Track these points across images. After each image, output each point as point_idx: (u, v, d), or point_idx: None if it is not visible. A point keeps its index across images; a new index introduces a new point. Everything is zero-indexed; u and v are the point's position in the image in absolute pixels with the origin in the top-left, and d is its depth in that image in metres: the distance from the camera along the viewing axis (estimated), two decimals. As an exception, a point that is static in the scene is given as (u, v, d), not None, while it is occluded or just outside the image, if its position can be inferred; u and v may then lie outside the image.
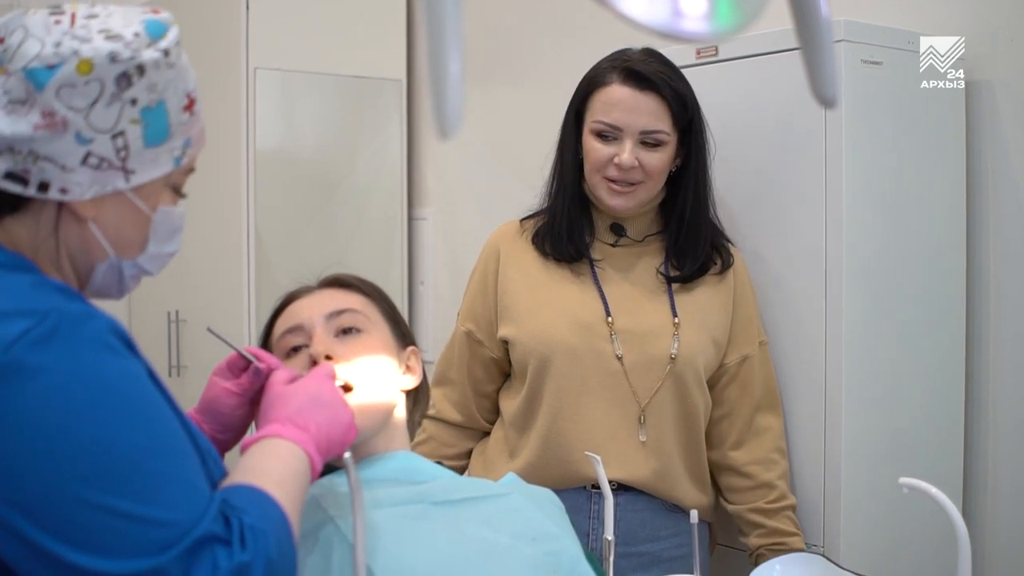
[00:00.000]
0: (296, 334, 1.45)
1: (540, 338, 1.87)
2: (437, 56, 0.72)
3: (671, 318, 1.89)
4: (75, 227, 1.04)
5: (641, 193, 1.87)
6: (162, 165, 1.05)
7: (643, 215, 1.93)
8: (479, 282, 1.98)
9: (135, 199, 1.05)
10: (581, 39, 2.77)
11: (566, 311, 1.88)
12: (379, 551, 1.25)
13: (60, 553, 0.91)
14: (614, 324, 1.87)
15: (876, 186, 1.98)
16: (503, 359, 1.95)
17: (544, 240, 1.93)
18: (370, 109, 3.35)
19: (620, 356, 1.86)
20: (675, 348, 1.86)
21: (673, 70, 1.87)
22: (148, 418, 0.97)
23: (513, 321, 1.91)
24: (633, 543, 1.88)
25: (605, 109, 1.85)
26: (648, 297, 1.91)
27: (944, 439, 2.10)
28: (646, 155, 1.84)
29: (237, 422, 1.35)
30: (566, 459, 1.86)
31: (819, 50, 0.78)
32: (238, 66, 3.08)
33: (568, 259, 1.92)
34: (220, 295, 3.22)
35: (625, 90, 1.84)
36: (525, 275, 1.93)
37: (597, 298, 1.89)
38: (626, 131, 1.83)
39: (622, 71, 1.85)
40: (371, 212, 3.37)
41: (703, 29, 0.69)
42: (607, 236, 1.94)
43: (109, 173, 1.02)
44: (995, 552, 2.11)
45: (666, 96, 1.83)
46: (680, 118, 1.85)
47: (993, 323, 2.13)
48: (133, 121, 1.01)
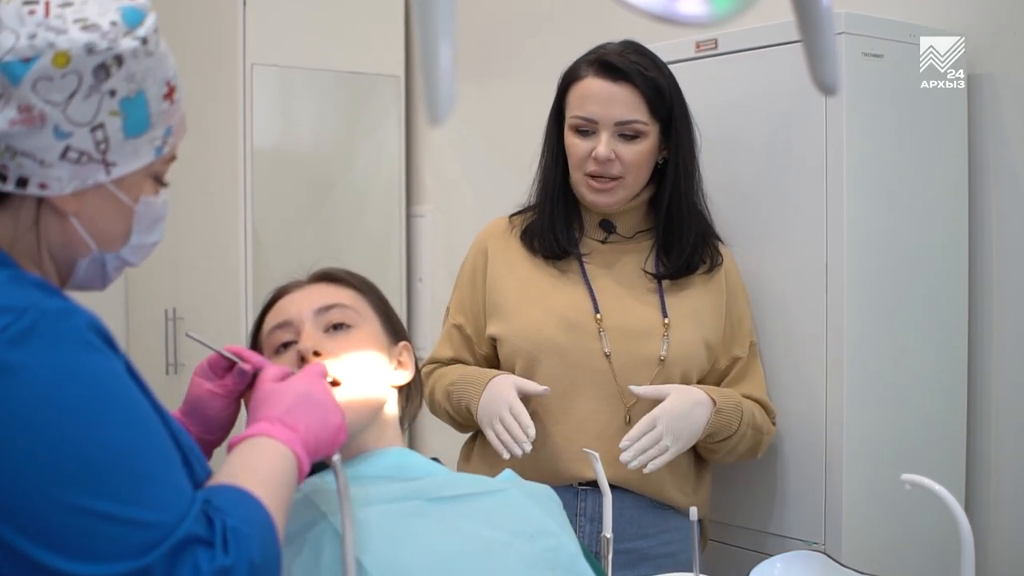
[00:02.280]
0: (285, 330, 1.44)
1: (528, 336, 1.86)
2: (428, 44, 0.70)
3: (661, 318, 1.87)
4: (56, 222, 1.02)
5: (623, 189, 1.86)
6: (143, 156, 1.03)
7: (632, 211, 1.91)
8: (468, 278, 1.97)
9: (116, 191, 1.03)
10: (580, 35, 2.75)
11: (554, 309, 1.87)
12: (373, 549, 1.24)
13: (40, 558, 0.88)
14: (603, 321, 1.86)
15: (877, 180, 1.96)
16: (492, 355, 1.94)
17: (532, 237, 1.92)
18: (368, 105, 3.34)
19: (608, 354, 1.85)
20: (664, 350, 1.85)
21: (651, 60, 1.86)
22: (129, 417, 0.95)
23: (501, 319, 1.90)
24: (620, 540, 1.86)
25: (580, 103, 1.85)
26: (638, 295, 1.89)
27: (946, 435, 2.09)
28: (624, 147, 1.83)
29: (223, 422, 1.33)
30: (553, 457, 1.85)
31: (819, 37, 0.77)
32: (235, 62, 3.07)
33: (556, 256, 1.91)
34: (217, 293, 3.21)
35: (598, 82, 1.83)
36: (513, 272, 1.92)
37: (586, 295, 1.88)
38: (601, 123, 1.83)
39: (595, 64, 1.85)
40: (369, 209, 3.36)
41: (700, 13, 0.68)
42: (596, 233, 1.93)
43: (89, 167, 0.99)
44: (998, 549, 2.10)
45: (640, 86, 1.82)
46: (657, 108, 1.83)
47: (996, 320, 2.11)
48: (112, 113, 0.99)
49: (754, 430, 1.90)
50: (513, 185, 3.05)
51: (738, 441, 1.88)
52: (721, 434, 1.85)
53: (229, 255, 3.13)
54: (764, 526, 2.06)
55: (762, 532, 2.06)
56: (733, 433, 1.86)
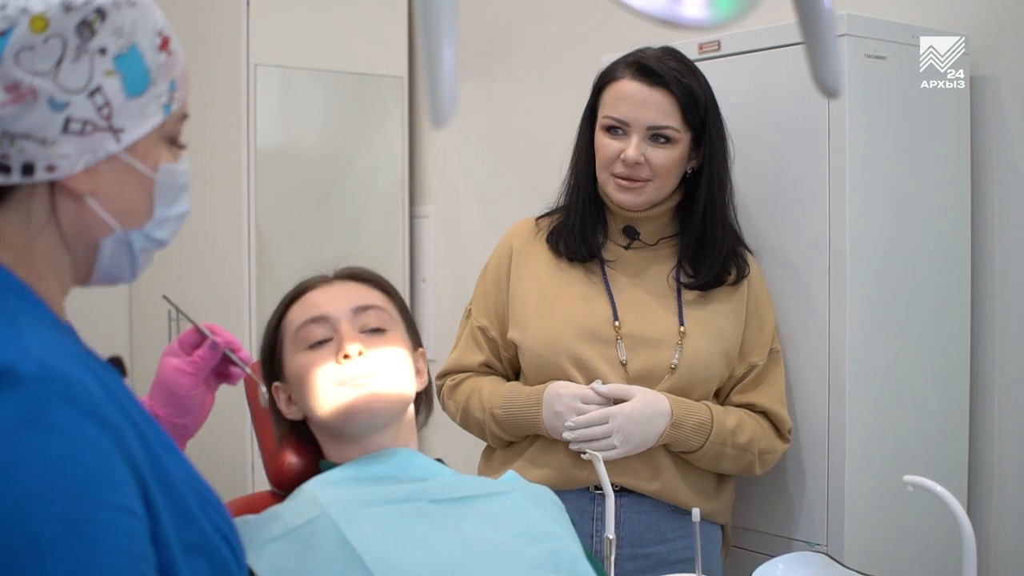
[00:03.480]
0: (321, 325, 1.44)
1: (547, 344, 1.86)
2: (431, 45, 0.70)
3: (677, 326, 1.86)
4: (71, 208, 0.92)
5: (650, 191, 1.85)
6: (152, 116, 0.94)
7: (657, 218, 1.91)
8: (492, 279, 1.96)
9: (132, 161, 0.94)
10: (584, 36, 2.76)
11: (574, 316, 1.86)
12: (376, 550, 1.24)
13: None
14: (621, 328, 1.85)
15: (880, 181, 1.96)
16: (515, 357, 1.94)
17: (558, 239, 1.92)
18: (371, 106, 3.34)
19: (624, 362, 1.84)
20: (676, 358, 1.84)
21: (688, 68, 1.85)
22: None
23: (521, 325, 1.90)
24: (639, 545, 1.86)
25: (614, 104, 1.84)
26: (658, 303, 1.89)
27: (948, 437, 2.09)
28: (654, 152, 1.82)
29: (194, 403, 1.30)
30: (568, 462, 1.85)
31: (821, 39, 0.77)
32: (238, 62, 3.07)
33: (580, 259, 1.90)
34: (221, 291, 3.21)
35: (634, 85, 1.83)
36: (535, 276, 1.91)
37: (606, 302, 1.88)
38: (633, 126, 1.82)
39: (633, 66, 1.84)
40: (372, 210, 3.36)
41: (703, 16, 0.68)
42: (620, 239, 1.92)
43: (96, 137, 0.90)
44: (1000, 550, 2.09)
45: (675, 92, 1.81)
46: (691, 116, 1.83)
47: (999, 322, 2.11)
48: (108, 73, 0.90)
49: (738, 450, 1.86)
50: (516, 185, 3.07)
51: (713, 459, 1.85)
52: (679, 447, 1.84)
53: (232, 255, 3.13)
54: (766, 527, 2.06)
55: (764, 533, 2.06)
56: (695, 450, 1.84)
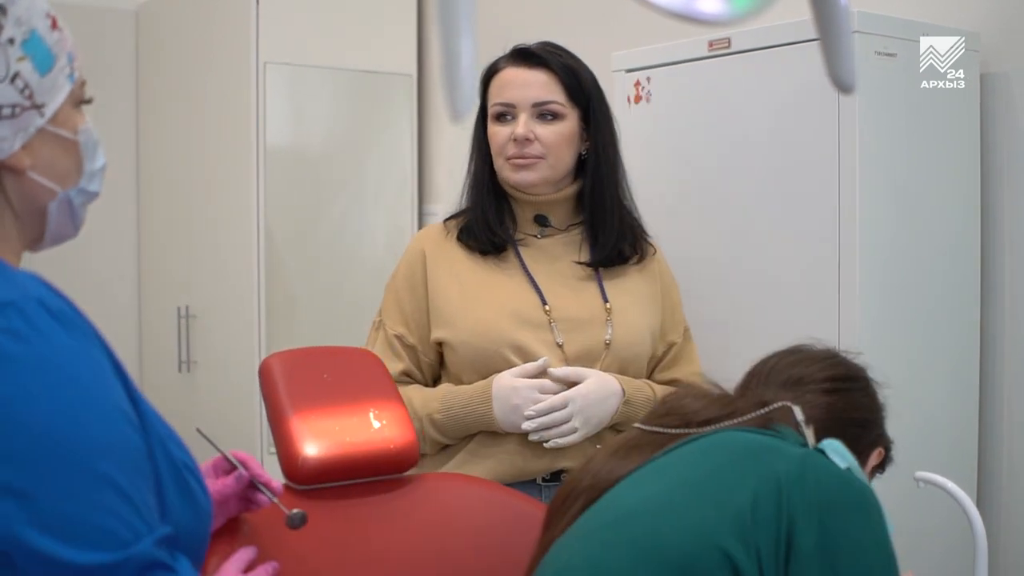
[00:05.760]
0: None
1: (482, 334, 1.85)
2: (449, 40, 0.70)
3: (603, 304, 1.89)
4: (16, 184, 1.04)
5: (543, 168, 1.87)
6: (61, 87, 1.05)
7: (563, 202, 1.93)
8: (406, 286, 1.93)
9: (57, 130, 1.05)
10: (595, 34, 2.76)
11: (503, 305, 1.87)
12: None
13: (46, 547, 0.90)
14: (551, 312, 1.87)
15: (890, 178, 1.96)
16: (436, 362, 1.93)
17: (468, 236, 1.92)
18: (380, 104, 3.35)
19: (561, 344, 1.85)
20: (608, 334, 1.86)
21: (569, 53, 1.90)
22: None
23: (447, 323, 1.88)
24: None
25: (499, 91, 1.89)
26: (578, 285, 1.91)
27: (958, 433, 2.09)
28: (542, 129, 1.86)
29: (216, 517, 1.31)
30: (513, 453, 1.84)
31: (837, 35, 0.77)
32: (248, 61, 3.08)
33: (494, 250, 1.91)
34: (230, 290, 3.22)
35: (515, 69, 1.88)
36: (455, 274, 1.91)
37: (530, 288, 1.89)
38: (519, 106, 1.87)
39: (511, 54, 1.90)
40: (381, 208, 3.37)
41: (720, 11, 0.68)
42: (531, 228, 1.94)
43: (24, 116, 1.02)
44: (1010, 546, 2.10)
45: (556, 70, 1.86)
46: (575, 93, 1.87)
47: (1008, 318, 2.11)
48: (20, 59, 1.01)
49: None
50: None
51: None
52: (627, 425, 1.83)
53: (241, 252, 3.14)
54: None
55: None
56: None
